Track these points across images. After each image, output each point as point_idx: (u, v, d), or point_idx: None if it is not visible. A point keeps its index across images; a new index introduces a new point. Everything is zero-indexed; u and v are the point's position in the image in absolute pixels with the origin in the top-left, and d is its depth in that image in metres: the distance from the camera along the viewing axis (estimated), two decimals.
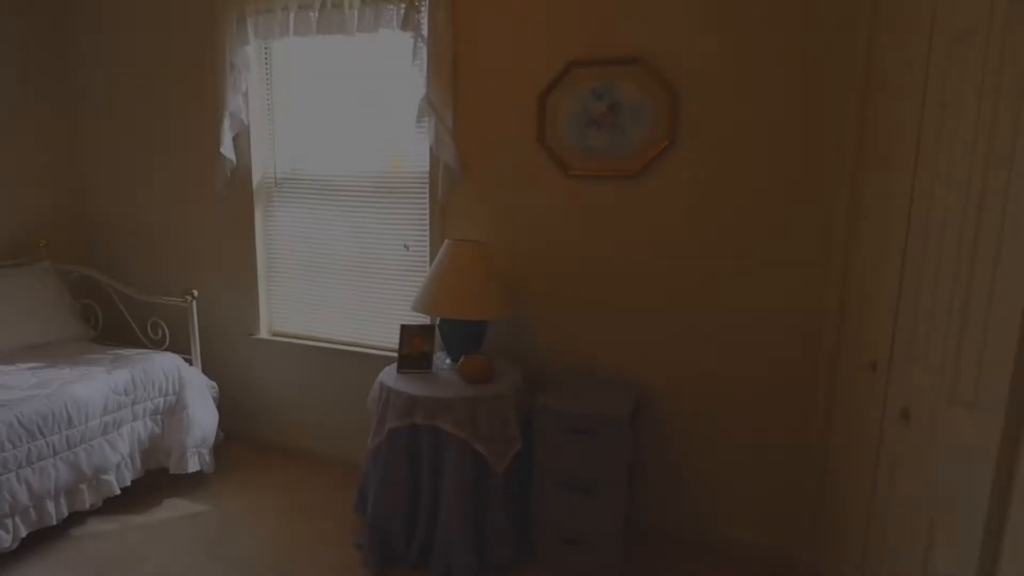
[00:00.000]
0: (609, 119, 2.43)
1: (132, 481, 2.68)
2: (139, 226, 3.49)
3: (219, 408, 3.05)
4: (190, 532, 2.55)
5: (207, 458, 2.89)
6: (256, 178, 3.14)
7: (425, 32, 2.62)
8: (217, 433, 2.98)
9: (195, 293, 3.00)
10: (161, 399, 2.77)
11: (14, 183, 3.29)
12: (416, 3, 2.60)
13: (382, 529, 2.33)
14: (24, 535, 2.26)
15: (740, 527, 2.52)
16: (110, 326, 3.47)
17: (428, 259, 2.84)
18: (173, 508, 2.73)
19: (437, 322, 2.62)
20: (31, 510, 2.29)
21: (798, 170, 2.25)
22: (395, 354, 2.62)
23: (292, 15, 2.82)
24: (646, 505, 2.65)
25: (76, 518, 2.56)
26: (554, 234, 2.62)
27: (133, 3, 3.24)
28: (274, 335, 3.29)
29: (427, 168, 2.78)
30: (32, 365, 2.72)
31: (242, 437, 3.40)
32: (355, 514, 2.63)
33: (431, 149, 2.70)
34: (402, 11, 2.62)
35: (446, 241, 2.50)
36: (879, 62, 1.93)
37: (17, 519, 2.24)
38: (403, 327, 2.51)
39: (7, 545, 2.20)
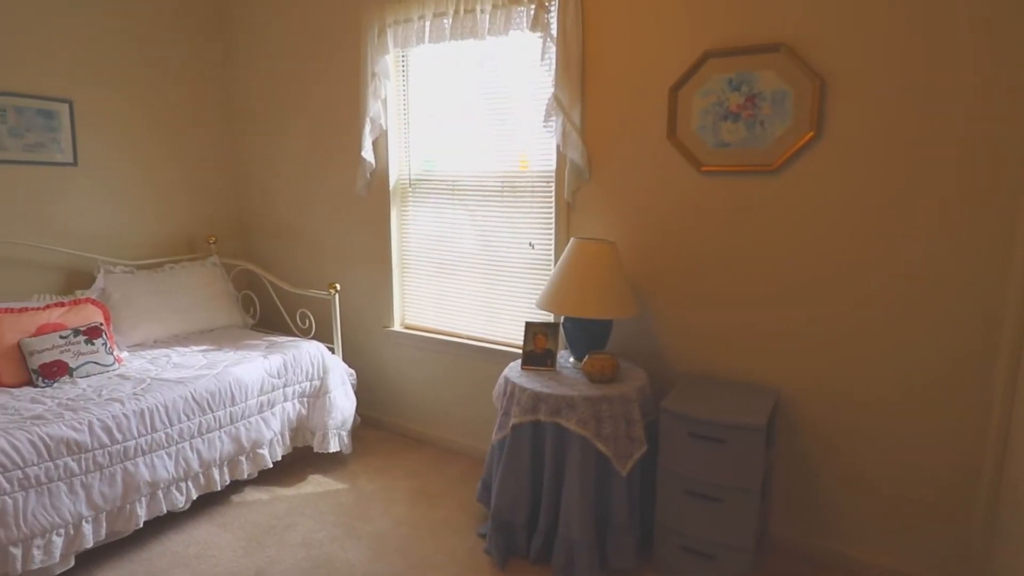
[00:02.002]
0: (747, 111, 2.30)
1: (282, 456, 2.95)
2: (289, 224, 3.83)
3: (356, 394, 3.27)
4: (331, 507, 2.76)
5: (346, 440, 3.11)
6: (392, 179, 3.33)
7: (554, 31, 2.63)
8: (355, 417, 3.20)
9: (338, 287, 3.24)
10: (308, 383, 3.02)
11: (192, 189, 3.74)
12: (546, 3, 2.63)
13: (504, 521, 2.38)
14: (195, 497, 2.56)
15: (886, 553, 2.29)
16: (265, 315, 3.85)
17: (553, 257, 2.86)
18: (316, 484, 2.97)
19: (562, 320, 2.63)
20: (200, 476, 2.58)
21: (972, 164, 2.00)
22: (520, 350, 2.67)
23: (427, 23, 2.95)
24: (777, 518, 2.49)
25: (235, 486, 2.87)
26: (684, 232, 2.53)
27: (286, 23, 3.56)
28: (406, 328, 3.47)
29: (553, 167, 2.80)
30: (203, 348, 3.08)
31: (376, 423, 3.63)
32: (479, 504, 2.71)
33: (558, 148, 2.71)
34: (532, 12, 2.65)
35: (572, 239, 2.50)
36: None
37: (189, 483, 2.54)
38: (528, 324, 2.54)
39: (181, 505, 2.51)
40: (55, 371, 2.55)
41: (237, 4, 3.77)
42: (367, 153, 3.24)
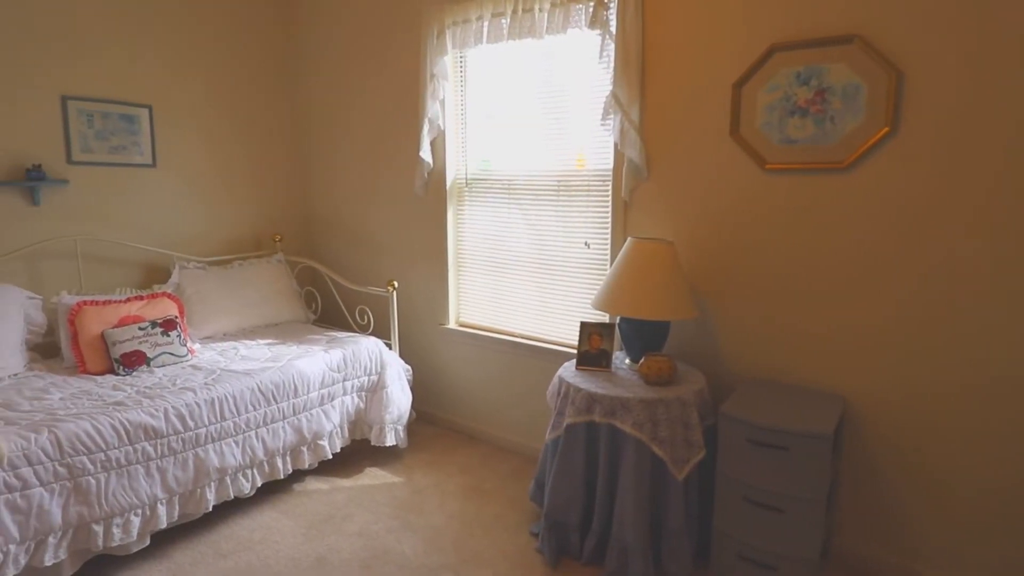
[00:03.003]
0: (815, 106, 2.21)
1: (341, 448, 3.03)
2: (350, 223, 3.93)
3: (412, 390, 3.33)
4: (387, 499, 2.82)
5: (402, 434, 3.17)
6: (449, 179, 3.37)
7: (613, 28, 2.60)
8: (410, 412, 3.26)
9: (395, 284, 3.30)
10: (366, 378, 3.10)
11: (260, 189, 3.90)
12: (605, 0, 2.60)
13: (557, 521, 2.37)
14: (260, 485, 2.67)
15: (964, 569, 2.16)
16: (326, 311, 3.97)
17: (609, 257, 2.83)
18: (373, 476, 3.04)
19: (617, 320, 2.59)
20: (265, 464, 2.69)
21: None
22: (574, 350, 2.65)
23: (486, 23, 2.97)
24: (843, 528, 2.38)
25: (297, 475, 2.97)
26: (746, 232, 2.46)
27: (348, 27, 3.65)
28: (461, 326, 3.51)
29: (611, 165, 2.77)
30: (268, 341, 3.20)
31: (431, 418, 3.68)
32: (532, 503, 2.71)
33: (616, 146, 2.68)
34: (590, 9, 2.62)
35: (629, 239, 2.46)
36: None
37: (255, 471, 2.65)
38: (583, 324, 2.52)
39: (247, 492, 2.62)
40: (134, 360, 2.70)
41: (302, 7, 3.90)
42: (425, 153, 3.29)
